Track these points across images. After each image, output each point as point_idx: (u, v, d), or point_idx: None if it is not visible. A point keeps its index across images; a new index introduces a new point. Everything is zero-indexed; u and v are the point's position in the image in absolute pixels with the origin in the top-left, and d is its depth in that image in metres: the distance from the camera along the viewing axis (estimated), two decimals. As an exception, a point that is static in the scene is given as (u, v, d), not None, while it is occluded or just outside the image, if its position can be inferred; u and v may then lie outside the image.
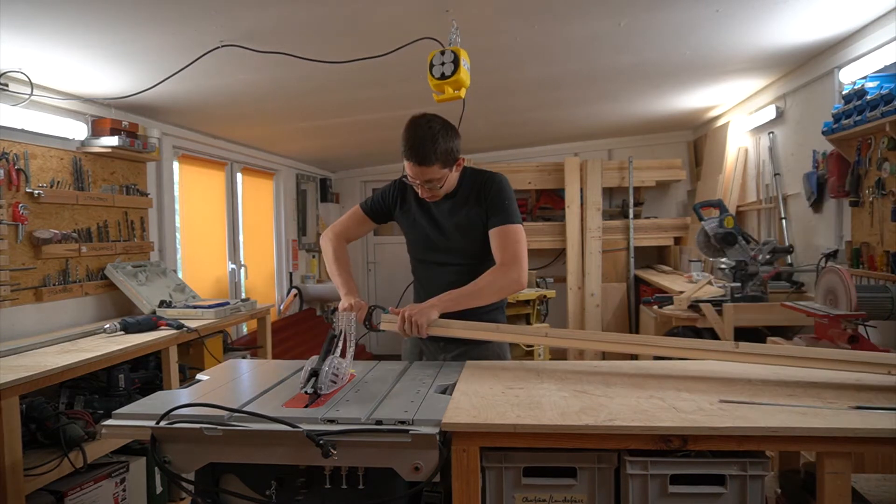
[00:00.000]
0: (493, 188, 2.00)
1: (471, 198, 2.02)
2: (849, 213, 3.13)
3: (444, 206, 2.05)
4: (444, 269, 2.09)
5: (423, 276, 2.18)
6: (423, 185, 1.94)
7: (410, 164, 1.89)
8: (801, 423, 1.28)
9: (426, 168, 1.87)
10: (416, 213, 2.11)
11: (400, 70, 3.06)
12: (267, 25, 2.46)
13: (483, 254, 2.03)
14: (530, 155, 6.26)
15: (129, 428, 1.41)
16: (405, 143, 1.88)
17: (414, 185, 1.99)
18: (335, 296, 6.86)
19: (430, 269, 2.13)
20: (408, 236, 2.19)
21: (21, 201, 2.83)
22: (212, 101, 3.55)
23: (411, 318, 1.83)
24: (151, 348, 2.77)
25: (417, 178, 1.92)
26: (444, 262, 2.09)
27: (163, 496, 2.89)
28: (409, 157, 1.88)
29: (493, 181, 2.02)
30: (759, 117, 4.20)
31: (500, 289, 1.96)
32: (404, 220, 2.16)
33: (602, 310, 5.70)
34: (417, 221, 2.11)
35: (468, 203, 2.02)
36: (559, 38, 2.95)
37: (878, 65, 2.79)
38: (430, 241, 2.10)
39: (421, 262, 2.18)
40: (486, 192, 2.00)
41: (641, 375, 1.67)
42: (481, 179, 2.03)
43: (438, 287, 1.98)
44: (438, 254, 2.09)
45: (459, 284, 1.95)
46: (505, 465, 1.36)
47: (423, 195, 2.00)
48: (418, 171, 1.89)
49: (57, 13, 2.20)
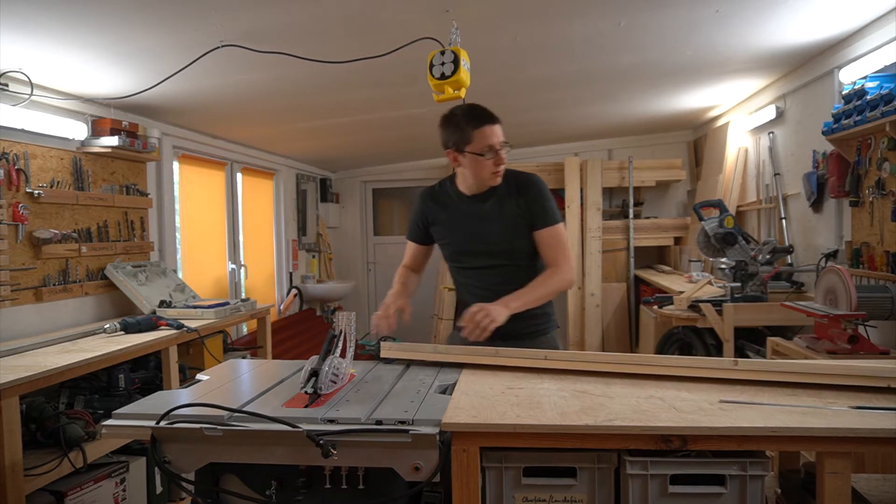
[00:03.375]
0: (534, 190, 2.02)
1: (511, 198, 2.02)
2: (849, 213, 3.13)
3: (487, 206, 2.03)
4: (492, 271, 2.05)
5: (469, 282, 2.12)
6: (502, 148, 1.94)
7: (489, 127, 1.92)
8: (801, 423, 1.28)
9: (499, 126, 1.93)
10: (457, 216, 2.07)
11: (400, 70, 3.06)
12: (267, 25, 2.46)
13: (527, 254, 2.03)
14: (530, 155, 6.26)
15: (129, 428, 1.40)
16: (473, 114, 1.94)
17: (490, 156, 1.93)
18: (335, 296, 6.87)
19: (476, 273, 2.08)
20: (448, 242, 2.12)
21: (21, 201, 2.83)
22: (212, 101, 3.55)
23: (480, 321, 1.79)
24: (151, 348, 2.78)
25: (499, 138, 1.93)
26: (492, 265, 2.05)
27: (163, 496, 2.89)
28: (485, 121, 1.92)
29: (532, 182, 2.04)
30: (759, 117, 4.20)
31: (557, 289, 2.01)
32: (444, 226, 2.11)
33: (602, 310, 5.70)
34: (459, 225, 2.07)
35: (509, 203, 2.01)
36: (559, 38, 2.95)
37: (878, 65, 2.79)
38: (475, 244, 2.05)
39: (465, 267, 2.11)
40: (528, 194, 2.01)
41: (641, 375, 1.67)
42: (520, 180, 2.04)
43: (488, 290, 1.98)
44: (483, 257, 2.05)
45: (508, 285, 1.95)
46: (505, 465, 1.36)
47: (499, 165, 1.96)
48: (497, 131, 1.93)
49: (57, 13, 2.20)
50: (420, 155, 6.27)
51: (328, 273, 6.63)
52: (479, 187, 2.04)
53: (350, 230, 6.97)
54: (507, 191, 2.02)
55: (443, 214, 2.11)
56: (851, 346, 2.41)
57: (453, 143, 1.97)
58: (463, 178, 2.06)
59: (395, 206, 7.16)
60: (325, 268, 6.59)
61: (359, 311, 6.78)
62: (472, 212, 2.05)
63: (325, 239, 6.60)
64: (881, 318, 2.53)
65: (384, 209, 7.11)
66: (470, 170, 1.98)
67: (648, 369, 1.67)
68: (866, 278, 2.88)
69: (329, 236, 6.72)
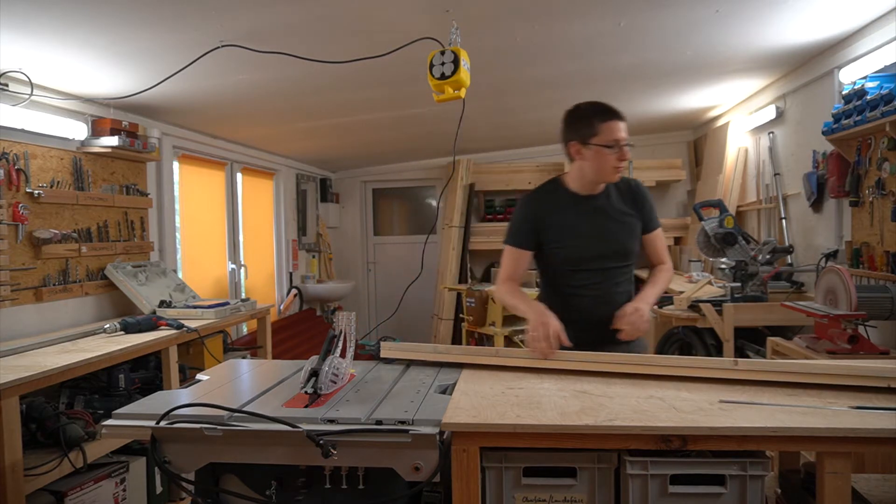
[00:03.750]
0: (644, 193, 2.10)
1: (621, 200, 2.05)
2: (849, 213, 3.13)
3: (602, 206, 2.03)
4: (608, 273, 2.03)
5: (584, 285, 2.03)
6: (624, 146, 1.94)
7: (616, 122, 1.93)
8: (801, 423, 1.28)
9: (624, 122, 1.94)
10: (575, 217, 2.03)
11: (400, 70, 3.06)
12: (267, 25, 2.46)
13: (635, 255, 2.07)
14: (530, 155, 6.26)
15: (129, 428, 1.41)
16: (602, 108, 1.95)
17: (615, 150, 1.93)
18: (335, 296, 6.88)
19: (593, 275, 2.02)
20: (565, 245, 2.03)
21: (21, 201, 2.83)
22: (212, 101, 3.55)
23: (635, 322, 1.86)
24: (151, 348, 2.78)
25: (622, 134, 1.93)
26: (609, 267, 2.03)
27: (163, 496, 2.89)
28: (609, 117, 1.93)
29: (642, 186, 2.12)
30: (759, 117, 4.20)
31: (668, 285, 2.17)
32: (560, 229, 2.03)
33: (602, 310, 5.69)
34: (578, 226, 2.02)
35: (620, 204, 2.05)
36: (559, 38, 2.95)
37: (878, 65, 2.79)
38: (596, 246, 2.02)
39: (581, 270, 2.03)
40: (639, 197, 2.08)
41: (641, 375, 1.67)
42: (629, 183, 2.10)
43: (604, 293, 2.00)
44: (602, 258, 2.02)
45: (620, 287, 2.03)
46: (505, 465, 1.36)
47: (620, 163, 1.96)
48: (621, 127, 1.93)
49: (57, 13, 2.20)
50: (420, 155, 6.27)
51: (328, 273, 6.63)
52: (593, 186, 2.03)
53: (350, 230, 6.97)
54: (618, 192, 2.06)
55: (558, 216, 2.04)
56: (851, 346, 2.41)
57: (578, 135, 1.98)
58: (579, 175, 2.03)
59: (395, 206, 7.16)
60: (325, 268, 6.59)
61: (359, 311, 6.79)
62: (590, 212, 2.03)
63: (325, 239, 6.60)
64: (881, 318, 2.52)
65: (384, 209, 7.11)
66: (592, 163, 1.97)
67: (648, 369, 1.67)
68: (866, 278, 2.88)
69: (329, 236, 6.72)
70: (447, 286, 5.70)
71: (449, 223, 5.98)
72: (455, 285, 5.70)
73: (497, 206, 6.26)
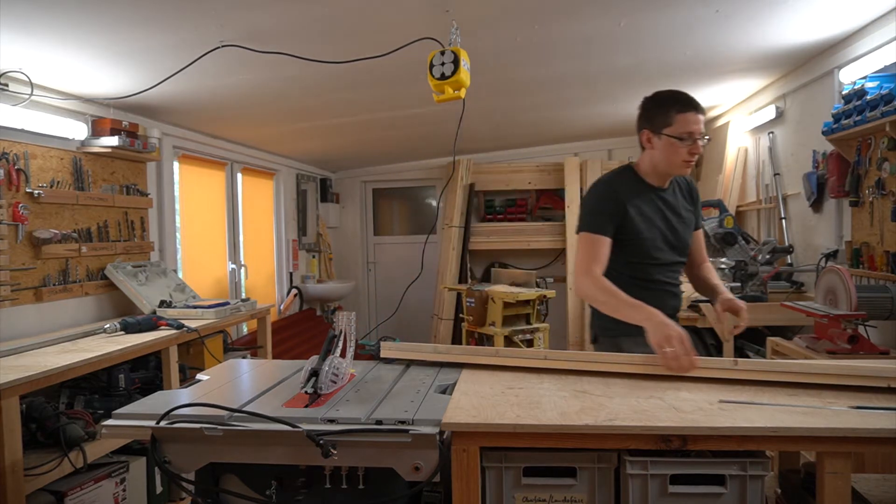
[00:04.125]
0: (697, 189, 2.12)
1: (681, 194, 2.06)
2: (849, 213, 3.13)
3: (671, 199, 2.02)
4: (676, 267, 2.05)
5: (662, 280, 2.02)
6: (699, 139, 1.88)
7: (693, 114, 1.88)
8: (801, 423, 1.28)
9: (701, 115, 1.89)
10: (654, 207, 1.98)
11: (400, 70, 3.06)
12: (267, 25, 2.46)
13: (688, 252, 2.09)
14: (530, 155, 6.26)
15: (129, 428, 1.41)
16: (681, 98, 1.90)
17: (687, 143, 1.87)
18: (335, 296, 6.86)
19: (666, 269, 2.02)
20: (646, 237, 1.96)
21: (21, 201, 2.83)
22: (212, 101, 3.55)
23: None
24: (151, 348, 2.78)
25: (698, 127, 1.88)
26: (678, 261, 2.05)
27: (163, 496, 2.89)
28: (686, 108, 1.88)
29: (694, 183, 2.13)
30: (759, 117, 4.20)
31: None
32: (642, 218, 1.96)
33: (602, 310, 5.69)
34: (652, 220, 1.97)
35: (681, 199, 2.05)
36: (559, 38, 2.94)
37: (878, 65, 2.79)
38: (666, 240, 1.99)
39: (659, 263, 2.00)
40: (693, 193, 2.09)
41: (641, 375, 1.67)
42: (685, 179, 2.10)
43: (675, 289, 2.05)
44: (674, 252, 2.02)
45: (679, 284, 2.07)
46: (505, 464, 1.36)
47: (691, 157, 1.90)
48: (698, 119, 1.88)
49: (57, 13, 2.20)
50: (420, 155, 6.27)
51: (328, 273, 6.63)
52: (664, 178, 2.00)
53: (350, 230, 6.97)
54: (677, 187, 2.06)
55: (638, 205, 1.96)
56: (851, 346, 2.41)
57: (651, 123, 1.94)
58: (650, 165, 1.98)
59: (395, 206, 7.16)
60: (325, 268, 6.59)
61: (359, 311, 6.79)
62: (662, 203, 2.00)
63: (325, 239, 6.60)
64: (881, 318, 2.52)
65: (384, 209, 7.11)
66: (662, 154, 1.92)
67: (648, 369, 1.67)
68: (866, 278, 2.88)
69: (329, 236, 6.72)
70: (447, 286, 5.70)
71: (449, 223, 5.98)
72: (455, 285, 5.70)
73: (497, 206, 6.27)
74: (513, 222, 6.12)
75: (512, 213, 6.17)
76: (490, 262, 6.27)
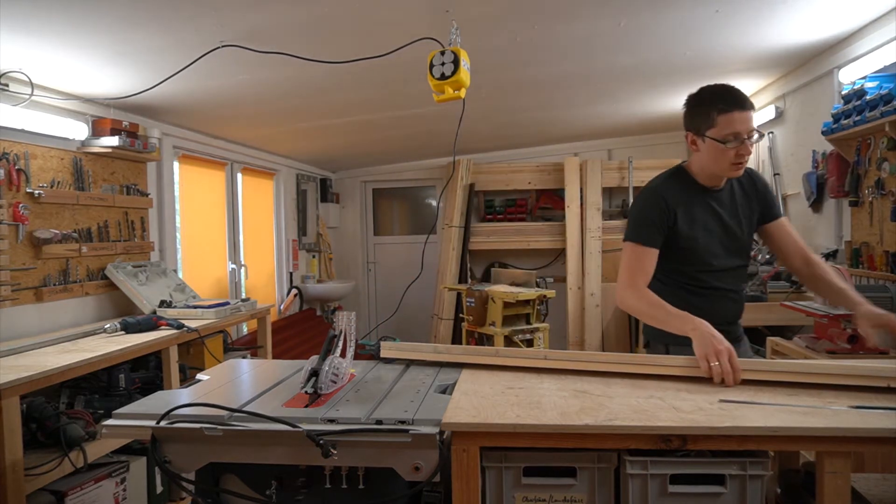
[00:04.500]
0: (761, 179, 1.94)
1: (741, 190, 1.90)
2: (848, 213, 3.13)
3: (727, 200, 1.88)
4: (736, 272, 1.91)
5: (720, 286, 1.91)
6: (748, 138, 1.74)
7: (738, 112, 1.72)
8: (801, 423, 1.28)
9: (750, 113, 1.73)
10: (707, 211, 1.87)
11: (400, 70, 3.06)
12: (267, 25, 2.46)
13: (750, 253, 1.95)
14: (530, 155, 6.26)
15: (129, 428, 1.41)
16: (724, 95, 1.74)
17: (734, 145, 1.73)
18: (335, 296, 6.87)
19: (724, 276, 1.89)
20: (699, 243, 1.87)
21: (21, 201, 2.83)
22: (212, 101, 3.55)
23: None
24: (151, 348, 2.78)
25: (745, 127, 1.72)
26: (738, 266, 1.90)
27: (163, 496, 2.89)
28: (735, 105, 1.72)
29: (755, 172, 1.96)
30: (759, 117, 4.19)
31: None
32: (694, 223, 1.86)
33: (602, 310, 5.70)
34: (706, 224, 1.86)
35: (741, 197, 1.90)
36: (559, 38, 2.95)
37: (878, 65, 2.79)
38: (723, 245, 1.87)
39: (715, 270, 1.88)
40: (756, 184, 1.91)
41: (641, 375, 1.67)
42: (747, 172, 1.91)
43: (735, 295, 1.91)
44: (732, 256, 1.89)
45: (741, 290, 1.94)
46: (505, 464, 1.36)
47: (739, 159, 1.76)
48: (745, 118, 1.72)
49: (57, 13, 2.20)
50: (420, 155, 6.28)
51: (328, 273, 6.63)
52: (715, 179, 1.87)
53: (350, 230, 6.97)
54: (739, 184, 1.91)
55: (689, 209, 1.86)
56: (851, 346, 2.41)
57: (694, 125, 1.82)
58: (699, 167, 1.88)
59: (395, 206, 7.16)
60: (325, 268, 6.60)
61: (359, 311, 6.79)
62: (717, 206, 1.88)
63: (325, 239, 6.61)
64: (881, 318, 2.52)
65: (384, 209, 7.11)
66: (709, 157, 1.80)
67: (648, 369, 1.67)
68: (866, 278, 2.89)
69: (329, 236, 6.72)
70: (447, 286, 5.70)
71: (449, 223, 5.98)
72: (455, 285, 5.70)
73: (497, 206, 6.27)
74: (513, 222, 6.12)
75: (512, 213, 6.17)
76: (490, 262, 6.27)
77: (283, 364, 1.94)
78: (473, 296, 4.74)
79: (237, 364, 1.98)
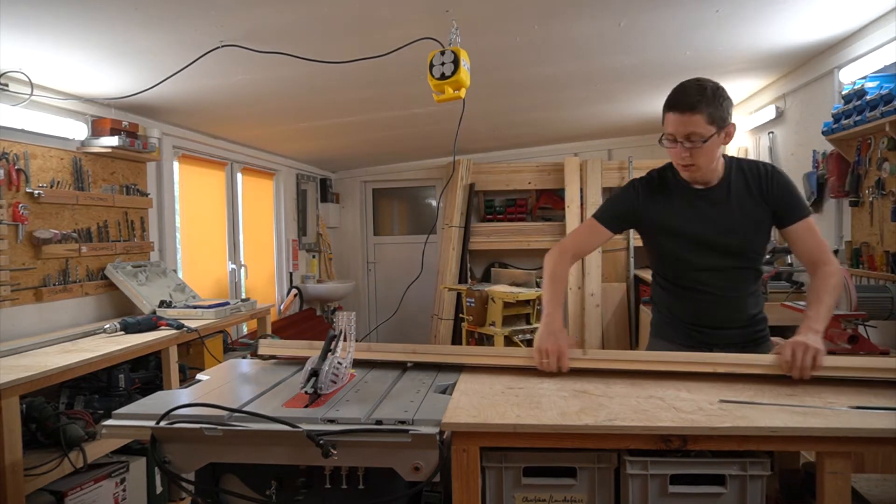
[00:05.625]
0: (778, 180, 1.78)
1: (746, 190, 1.79)
2: (849, 213, 3.13)
3: (719, 199, 1.80)
4: (723, 274, 1.82)
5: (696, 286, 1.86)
6: (682, 142, 1.67)
7: (671, 115, 1.67)
8: (801, 423, 1.28)
9: (690, 116, 1.63)
10: (687, 207, 1.82)
11: (400, 70, 3.06)
12: (267, 25, 2.46)
13: (761, 255, 1.84)
14: (530, 155, 6.26)
15: (129, 428, 1.41)
16: (671, 94, 1.70)
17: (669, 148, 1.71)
18: (335, 296, 6.86)
19: (706, 275, 1.83)
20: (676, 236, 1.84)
21: (21, 201, 2.83)
22: (212, 101, 3.55)
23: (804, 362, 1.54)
24: (151, 348, 2.78)
25: (678, 130, 1.67)
26: (725, 266, 1.81)
27: (163, 496, 2.89)
28: (671, 106, 1.68)
29: (774, 172, 1.80)
30: (759, 117, 4.20)
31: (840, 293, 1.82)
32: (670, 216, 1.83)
33: (602, 310, 5.70)
34: (691, 216, 1.81)
35: (744, 196, 1.79)
36: (559, 38, 2.94)
37: (878, 65, 2.79)
38: (707, 244, 1.81)
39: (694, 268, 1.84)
40: (770, 185, 1.78)
41: (641, 375, 1.67)
42: (758, 171, 1.81)
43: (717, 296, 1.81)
44: (716, 256, 1.80)
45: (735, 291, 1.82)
46: (505, 464, 1.36)
47: (678, 161, 1.73)
48: (679, 121, 1.65)
49: (57, 13, 2.20)
50: (420, 155, 6.27)
51: (328, 273, 6.63)
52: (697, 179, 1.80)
53: (350, 230, 6.97)
54: (743, 182, 1.80)
55: (665, 207, 1.84)
56: (851, 345, 2.41)
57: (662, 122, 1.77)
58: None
59: (395, 206, 7.16)
60: (325, 268, 6.59)
61: (359, 311, 6.79)
62: (703, 203, 1.81)
63: (325, 239, 6.60)
64: (881, 318, 2.52)
65: (384, 209, 7.11)
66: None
67: (648, 365, 1.67)
68: (866, 278, 2.88)
69: (329, 236, 6.72)
70: (447, 286, 5.70)
71: (449, 223, 5.98)
72: (455, 285, 5.70)
73: (497, 206, 6.26)
74: (513, 222, 6.12)
75: (512, 213, 6.17)
76: (490, 262, 6.27)
77: (283, 364, 1.94)
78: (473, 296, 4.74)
79: (237, 364, 1.98)
